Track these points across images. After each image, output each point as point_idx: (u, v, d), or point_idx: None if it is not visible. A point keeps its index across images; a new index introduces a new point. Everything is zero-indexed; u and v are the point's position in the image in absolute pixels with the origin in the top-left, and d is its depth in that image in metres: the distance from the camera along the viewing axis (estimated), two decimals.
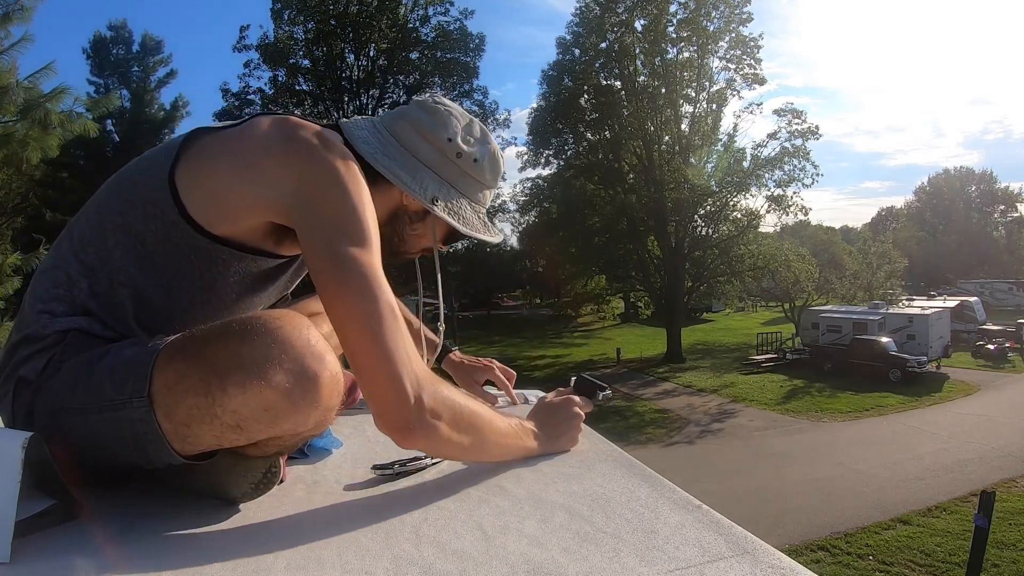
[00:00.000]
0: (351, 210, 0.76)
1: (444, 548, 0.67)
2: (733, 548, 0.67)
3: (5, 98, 5.87)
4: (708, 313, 40.86)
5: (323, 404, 0.70)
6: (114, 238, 0.81)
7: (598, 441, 1.11)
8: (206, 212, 0.79)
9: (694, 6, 23.50)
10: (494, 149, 0.96)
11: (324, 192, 0.76)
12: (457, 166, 0.91)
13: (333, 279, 0.74)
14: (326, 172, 0.77)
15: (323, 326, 1.06)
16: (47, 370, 0.77)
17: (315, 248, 0.75)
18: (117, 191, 0.85)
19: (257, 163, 0.79)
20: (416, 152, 0.89)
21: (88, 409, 0.73)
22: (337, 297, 0.74)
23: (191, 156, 0.81)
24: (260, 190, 0.78)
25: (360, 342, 0.72)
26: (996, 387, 17.23)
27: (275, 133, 0.80)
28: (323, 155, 0.78)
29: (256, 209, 0.79)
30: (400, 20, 22.99)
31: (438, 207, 0.88)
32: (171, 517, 0.75)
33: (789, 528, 8.27)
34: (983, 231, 52.02)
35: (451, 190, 0.91)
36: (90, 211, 0.85)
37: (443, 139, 0.89)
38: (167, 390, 0.68)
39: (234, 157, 0.80)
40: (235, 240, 0.82)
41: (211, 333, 0.70)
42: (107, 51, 23.58)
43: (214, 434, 0.69)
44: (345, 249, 0.73)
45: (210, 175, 0.80)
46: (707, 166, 24.33)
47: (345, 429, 1.13)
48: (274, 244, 0.86)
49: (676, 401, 17.42)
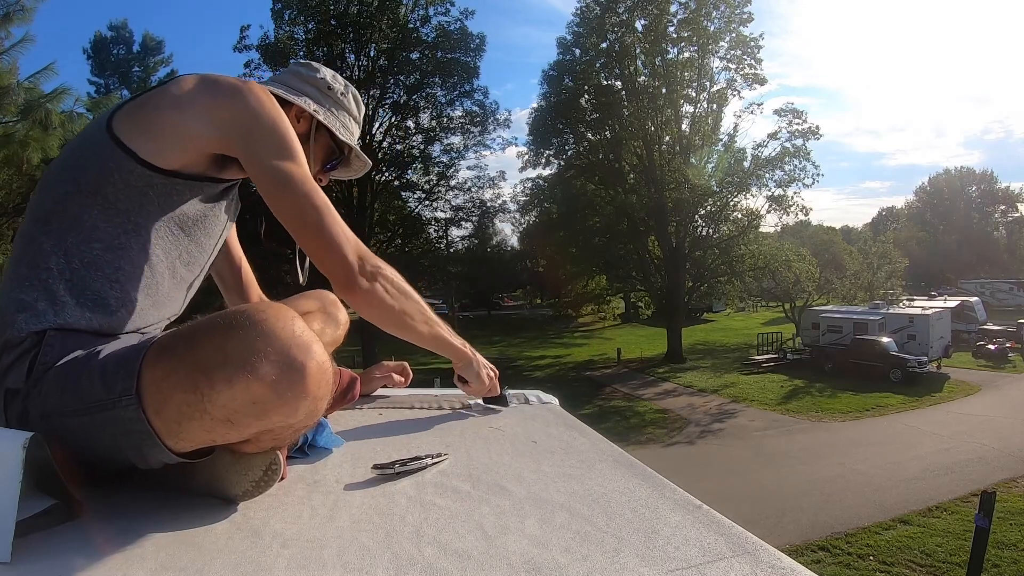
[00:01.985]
0: (279, 133, 0.92)
1: (445, 548, 0.67)
2: (734, 548, 0.67)
3: (6, 98, 5.88)
4: (709, 313, 40.85)
5: (311, 394, 0.70)
6: (76, 207, 0.86)
7: (599, 441, 1.11)
8: (153, 153, 0.88)
9: (695, 6, 23.47)
10: (353, 89, 1.21)
11: (256, 121, 0.91)
12: (329, 97, 1.15)
13: (277, 188, 0.91)
14: (255, 105, 0.92)
15: (312, 323, 1.11)
16: (32, 375, 0.78)
17: (258, 168, 0.91)
18: (60, 171, 0.91)
19: (195, 104, 0.90)
20: (300, 88, 1.13)
21: (80, 411, 0.73)
22: (283, 201, 0.91)
23: (127, 113, 0.90)
24: (201, 126, 0.89)
25: (309, 231, 0.92)
26: (997, 387, 17.23)
27: (204, 80, 0.93)
28: (248, 91, 0.93)
29: (198, 142, 0.90)
30: (400, 20, 22.94)
31: (319, 115, 1.11)
32: (171, 517, 0.75)
33: (789, 528, 8.26)
34: (984, 231, 51.99)
35: (328, 111, 1.14)
36: (40, 202, 0.89)
37: (316, 78, 1.15)
38: (155, 388, 0.69)
39: (174, 103, 0.90)
40: (184, 171, 0.92)
41: (197, 329, 0.71)
42: (108, 51, 23.62)
43: (205, 429, 0.69)
44: (282, 163, 0.91)
45: (153, 121, 0.89)
46: (708, 166, 24.31)
47: (346, 428, 1.13)
48: (217, 170, 0.97)
49: (677, 401, 17.41)
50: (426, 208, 25.88)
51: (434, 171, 25.15)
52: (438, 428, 1.20)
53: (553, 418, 1.29)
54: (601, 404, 17.57)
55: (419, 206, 25.62)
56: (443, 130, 24.81)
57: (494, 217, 28.01)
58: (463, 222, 26.77)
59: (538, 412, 1.34)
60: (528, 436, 1.14)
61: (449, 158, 25.09)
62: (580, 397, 17.49)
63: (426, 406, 1.37)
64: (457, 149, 24.99)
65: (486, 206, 26.35)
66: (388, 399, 1.44)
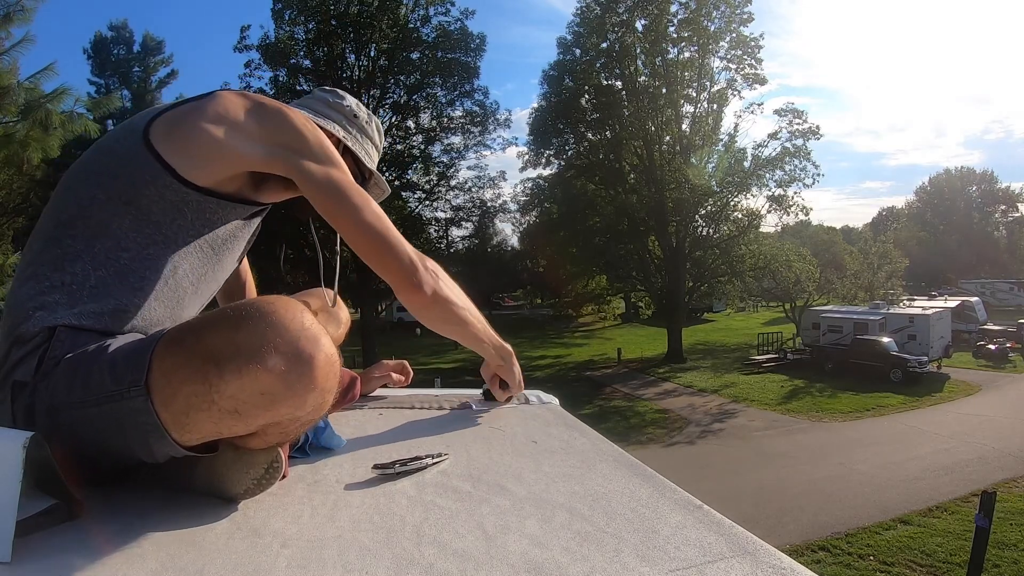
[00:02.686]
0: (326, 147, 0.95)
1: (445, 548, 0.67)
2: (734, 548, 0.67)
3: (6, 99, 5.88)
4: (709, 313, 40.86)
5: (319, 386, 0.70)
6: (105, 214, 0.85)
7: (599, 441, 1.11)
8: (191, 169, 0.88)
9: (695, 6, 23.48)
10: (376, 119, 1.25)
11: (302, 138, 0.93)
12: (354, 124, 1.18)
13: (334, 198, 0.92)
14: (300, 123, 0.94)
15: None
16: (41, 369, 0.78)
17: (312, 180, 0.92)
18: (86, 176, 0.90)
19: (239, 123, 0.90)
20: (327, 114, 1.15)
21: (88, 403, 0.73)
22: (342, 208, 0.93)
23: (165, 125, 0.89)
24: (245, 146, 0.90)
25: (370, 238, 0.94)
26: (997, 387, 17.23)
27: (248, 98, 0.94)
28: (290, 111, 0.96)
29: (240, 162, 0.91)
30: (401, 20, 22.93)
31: (348, 140, 1.14)
32: (171, 517, 0.75)
33: (790, 528, 8.27)
34: (984, 231, 51.98)
35: (353, 137, 1.17)
36: (64, 205, 0.88)
37: (343, 105, 1.18)
38: (165, 379, 0.69)
39: (217, 120, 0.90)
40: (220, 191, 0.92)
41: (206, 321, 0.72)
42: (108, 51, 23.64)
43: (213, 421, 0.69)
44: (334, 174, 0.93)
45: (192, 137, 0.88)
46: (708, 166, 24.31)
47: (346, 428, 1.13)
48: (252, 191, 0.98)
49: (677, 401, 17.42)
50: (426, 208, 25.93)
51: (434, 171, 25.18)
52: (438, 428, 1.20)
53: (553, 418, 1.29)
54: (601, 404, 17.57)
55: (419, 206, 25.65)
56: (443, 130, 24.85)
57: (494, 217, 28.08)
58: (463, 222, 26.83)
59: (538, 412, 1.34)
60: (528, 436, 1.14)
61: (449, 158, 25.14)
62: (580, 397, 17.49)
63: (426, 406, 1.37)
64: (457, 149, 25.04)
65: (486, 206, 26.41)
66: (388, 399, 1.43)
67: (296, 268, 22.79)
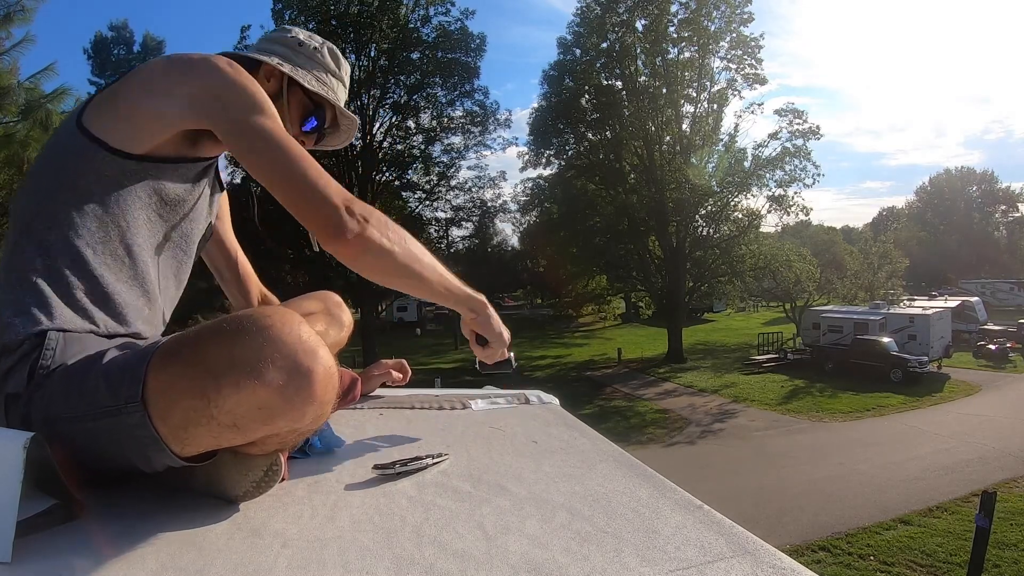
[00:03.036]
0: (248, 93, 0.89)
1: (445, 548, 0.67)
2: (734, 548, 0.67)
3: (7, 99, 5.89)
4: (709, 313, 40.82)
5: (318, 399, 0.70)
6: (54, 205, 0.85)
7: (599, 441, 1.11)
8: (124, 140, 0.87)
9: (695, 6, 23.45)
10: (331, 45, 1.16)
11: (223, 87, 0.88)
12: (300, 53, 1.10)
13: (248, 144, 0.86)
14: (220, 72, 0.89)
15: (316, 324, 1.08)
16: (34, 379, 0.77)
17: (229, 129, 0.88)
18: (38, 174, 0.91)
19: (163, 84, 0.89)
20: (270, 49, 1.10)
21: (85, 417, 0.73)
22: (256, 155, 0.86)
23: (96, 105, 0.90)
24: (170, 105, 0.88)
25: (288, 183, 0.85)
26: (997, 387, 17.22)
27: (169, 59, 0.92)
28: (212, 61, 0.91)
29: (170, 122, 0.89)
30: (401, 20, 22.93)
31: (284, 67, 1.06)
32: (171, 517, 0.75)
33: (790, 528, 8.26)
34: (984, 231, 51.96)
35: (296, 67, 1.09)
36: (23, 207, 0.88)
37: (287, 38, 1.12)
38: (162, 394, 0.68)
39: (141, 87, 0.89)
40: (156, 154, 0.90)
41: (202, 334, 0.71)
42: (108, 51, 23.65)
43: (212, 435, 0.69)
44: (252, 119, 0.87)
45: (122, 108, 0.88)
46: (708, 166, 24.29)
47: (346, 429, 1.13)
48: (190, 149, 0.95)
49: (677, 401, 17.41)
50: (426, 208, 25.93)
51: (434, 171, 25.19)
52: (438, 428, 1.20)
53: (553, 418, 1.29)
54: (602, 404, 17.57)
55: (419, 206, 25.67)
56: (443, 130, 24.84)
57: (494, 217, 28.07)
58: (463, 222, 26.83)
59: (538, 412, 1.34)
60: (528, 436, 1.14)
61: (449, 158, 25.13)
62: (580, 397, 17.49)
63: (426, 406, 1.37)
64: (457, 149, 25.03)
65: (486, 206, 26.41)
66: (388, 399, 1.43)
67: (296, 268, 22.86)
